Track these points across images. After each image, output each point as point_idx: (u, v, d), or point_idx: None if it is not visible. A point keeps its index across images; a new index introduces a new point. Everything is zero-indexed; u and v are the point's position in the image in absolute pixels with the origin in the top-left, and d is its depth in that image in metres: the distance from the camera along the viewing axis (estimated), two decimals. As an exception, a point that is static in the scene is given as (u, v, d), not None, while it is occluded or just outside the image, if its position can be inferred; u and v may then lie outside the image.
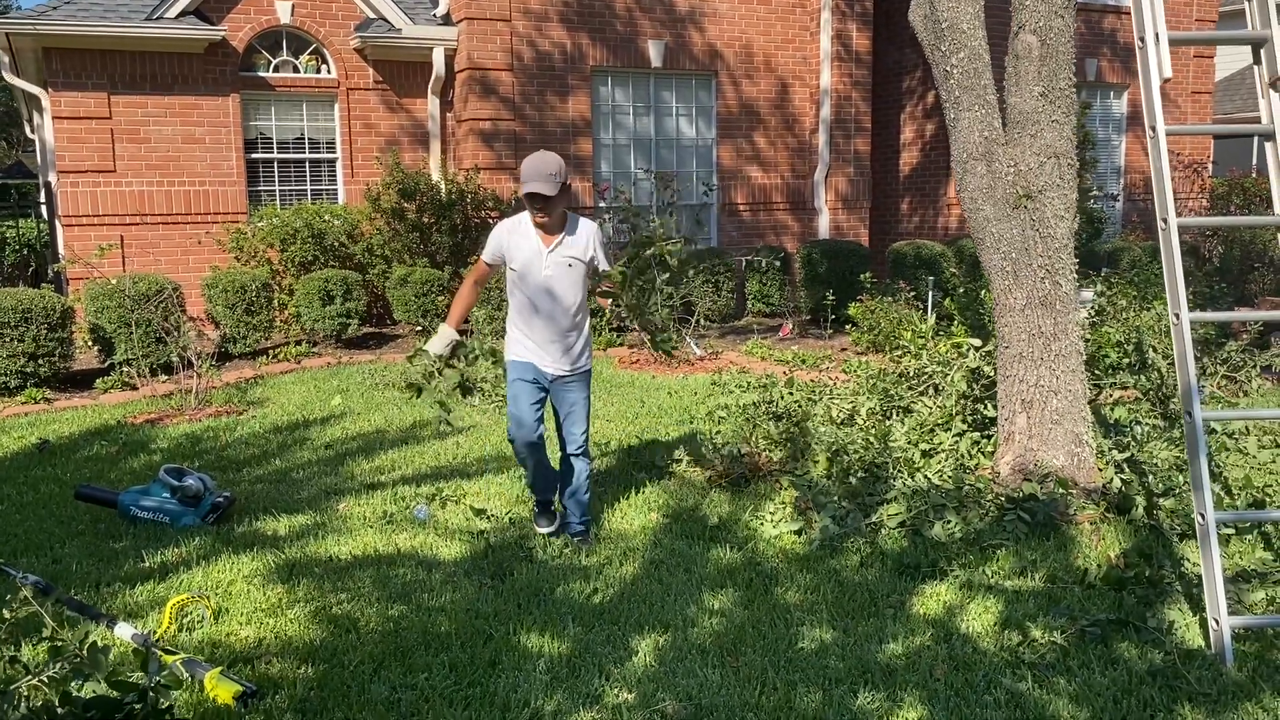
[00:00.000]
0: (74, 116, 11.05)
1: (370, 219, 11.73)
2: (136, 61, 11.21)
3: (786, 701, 3.48)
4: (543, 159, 4.53)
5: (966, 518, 4.99)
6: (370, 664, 3.75)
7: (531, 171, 4.51)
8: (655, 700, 3.48)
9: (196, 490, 5.31)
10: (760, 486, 5.74)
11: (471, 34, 11.95)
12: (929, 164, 14.85)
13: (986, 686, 3.58)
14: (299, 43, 12.00)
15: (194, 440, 7.04)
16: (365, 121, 12.29)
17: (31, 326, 8.45)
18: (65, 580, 4.57)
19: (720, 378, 8.69)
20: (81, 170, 11.14)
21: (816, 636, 3.96)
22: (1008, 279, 5.47)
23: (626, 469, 6.19)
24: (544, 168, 4.50)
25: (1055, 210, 5.33)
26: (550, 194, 4.52)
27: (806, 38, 13.75)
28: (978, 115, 5.42)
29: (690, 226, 13.27)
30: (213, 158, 11.64)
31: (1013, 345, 5.51)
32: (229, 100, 11.60)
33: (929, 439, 6.02)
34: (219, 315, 10.15)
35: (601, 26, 12.58)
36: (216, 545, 4.98)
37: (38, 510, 5.60)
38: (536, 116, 12.40)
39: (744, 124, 13.62)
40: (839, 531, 4.94)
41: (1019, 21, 5.32)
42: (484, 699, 3.50)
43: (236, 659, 3.79)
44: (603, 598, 4.33)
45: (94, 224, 11.24)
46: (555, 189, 4.52)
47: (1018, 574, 4.55)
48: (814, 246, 12.64)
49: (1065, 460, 5.38)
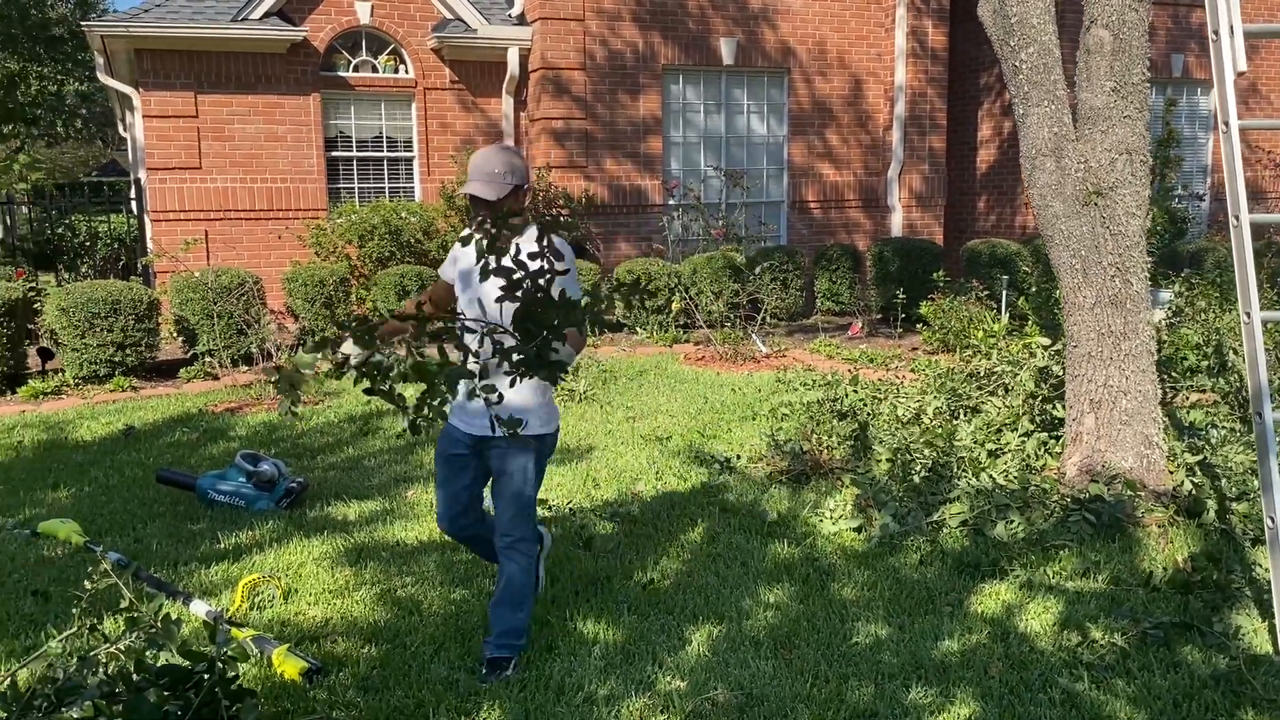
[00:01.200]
0: (163, 115, 11.45)
1: (445, 216, 11.94)
2: (222, 61, 11.57)
3: (838, 694, 3.49)
4: (487, 155, 3.57)
5: (1030, 518, 4.93)
6: (431, 645, 3.86)
7: (474, 169, 3.57)
8: (707, 688, 3.52)
9: (271, 476, 5.49)
10: (821, 484, 5.74)
11: (545, 34, 12.09)
12: (1006, 161, 14.60)
13: (1042, 685, 3.55)
14: (378, 43, 12.27)
15: (271, 428, 7.26)
16: (441, 121, 12.52)
17: (120, 317, 8.79)
18: (145, 558, 4.77)
19: (785, 375, 8.69)
20: (169, 167, 11.54)
21: (871, 632, 3.97)
22: (1077, 277, 5.39)
23: (687, 463, 6.23)
24: (486, 165, 3.54)
25: (1126, 207, 5.24)
26: (491, 198, 3.52)
27: (881, 34, 13.63)
28: (1047, 111, 5.35)
29: (755, 225, 13.25)
30: (294, 155, 11.96)
31: (1081, 344, 5.43)
32: (310, 99, 11.91)
33: (995, 439, 5.96)
34: (298, 308, 10.43)
35: (673, 25, 12.63)
36: (288, 529, 5.15)
37: (122, 492, 5.84)
38: (608, 115, 12.49)
39: (816, 121, 13.55)
40: (899, 529, 4.92)
41: (1091, 16, 5.23)
42: (539, 682, 3.58)
43: (304, 637, 3.93)
44: (658, 588, 4.38)
45: (180, 219, 11.63)
46: (500, 192, 3.52)
47: (1080, 575, 4.49)
48: (885, 244, 12.53)
49: (1134, 462, 5.29)
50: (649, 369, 9.34)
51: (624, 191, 12.66)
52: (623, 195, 12.65)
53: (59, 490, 5.93)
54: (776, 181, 13.61)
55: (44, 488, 5.97)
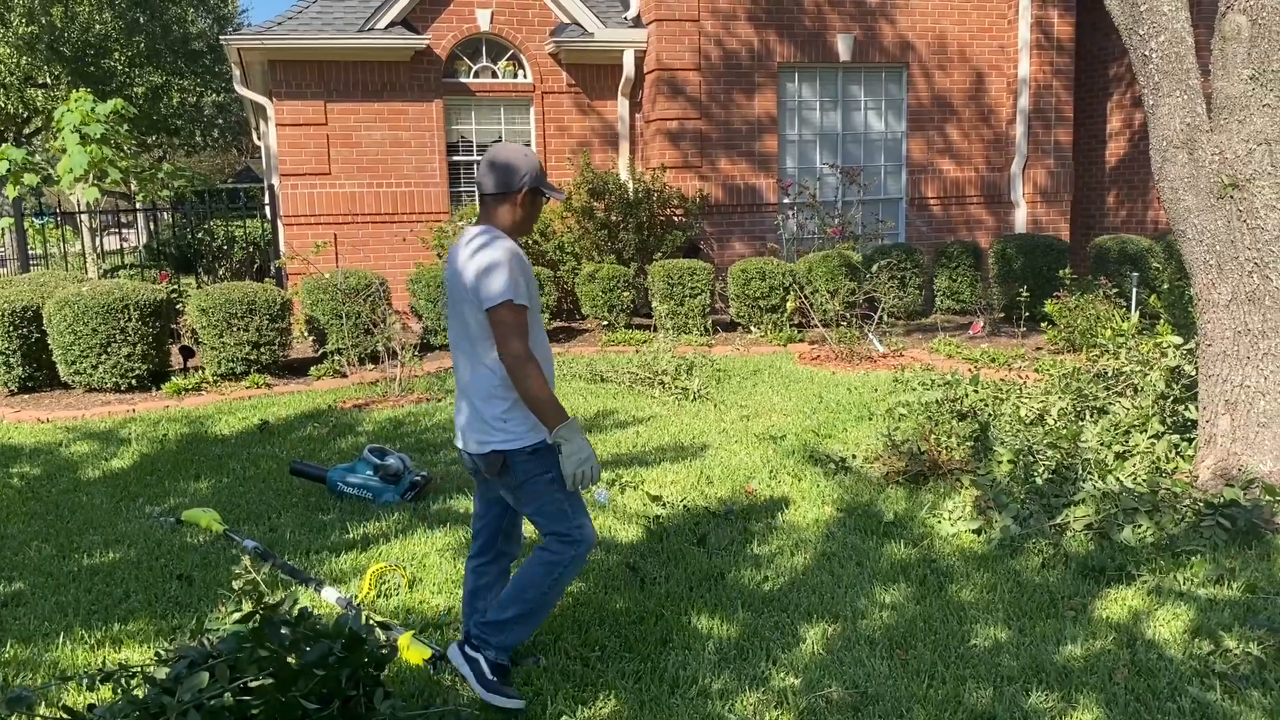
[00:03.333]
0: (294, 123, 11.94)
1: (562, 218, 12.14)
2: (349, 71, 12.00)
3: (955, 696, 3.45)
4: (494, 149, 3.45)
5: (1160, 522, 4.77)
6: (549, 635, 3.95)
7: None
8: (821, 686, 3.52)
9: (397, 469, 5.69)
10: (939, 484, 5.66)
11: (661, 35, 12.17)
12: (1137, 155, 14.07)
13: (1170, 694, 3.44)
14: (497, 49, 12.55)
15: (396, 424, 7.51)
16: (558, 124, 12.73)
17: (255, 317, 9.20)
18: (280, 546, 5.01)
19: (903, 374, 8.56)
20: (300, 173, 12.02)
21: (990, 634, 3.90)
22: (1211, 273, 5.18)
23: (801, 463, 6.21)
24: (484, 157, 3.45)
25: (1265, 200, 5.01)
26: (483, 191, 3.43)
27: (1004, 25, 13.30)
28: (1179, 101, 5.16)
29: (872, 222, 13.08)
30: (417, 160, 12.33)
31: (1216, 343, 5.22)
32: (433, 105, 12.25)
33: (1123, 441, 5.77)
34: (421, 309, 10.74)
35: (789, 23, 12.57)
36: (413, 520, 5.33)
37: (258, 483, 6.13)
38: (722, 115, 12.51)
39: (936, 116, 13.30)
40: (1020, 532, 4.82)
41: (1227, 1, 5.03)
42: (654, 674, 3.63)
43: (428, 625, 4.07)
44: (773, 585, 4.39)
45: (310, 223, 12.11)
46: (492, 187, 3.39)
47: (1213, 582, 4.32)
48: (1008, 241, 12.22)
49: (1273, 465, 5.06)
50: (763, 368, 9.32)
51: (738, 191, 12.65)
52: (737, 194, 12.65)
53: (200, 481, 6.26)
54: (894, 178, 13.41)
55: (186, 478, 6.31)
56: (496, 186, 3.37)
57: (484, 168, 3.40)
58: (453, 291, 3.40)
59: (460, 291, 3.34)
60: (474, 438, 3.40)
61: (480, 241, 3.31)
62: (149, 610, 4.31)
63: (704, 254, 12.47)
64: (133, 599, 4.44)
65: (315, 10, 12.14)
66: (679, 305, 11.09)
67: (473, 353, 3.37)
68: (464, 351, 3.41)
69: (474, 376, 3.38)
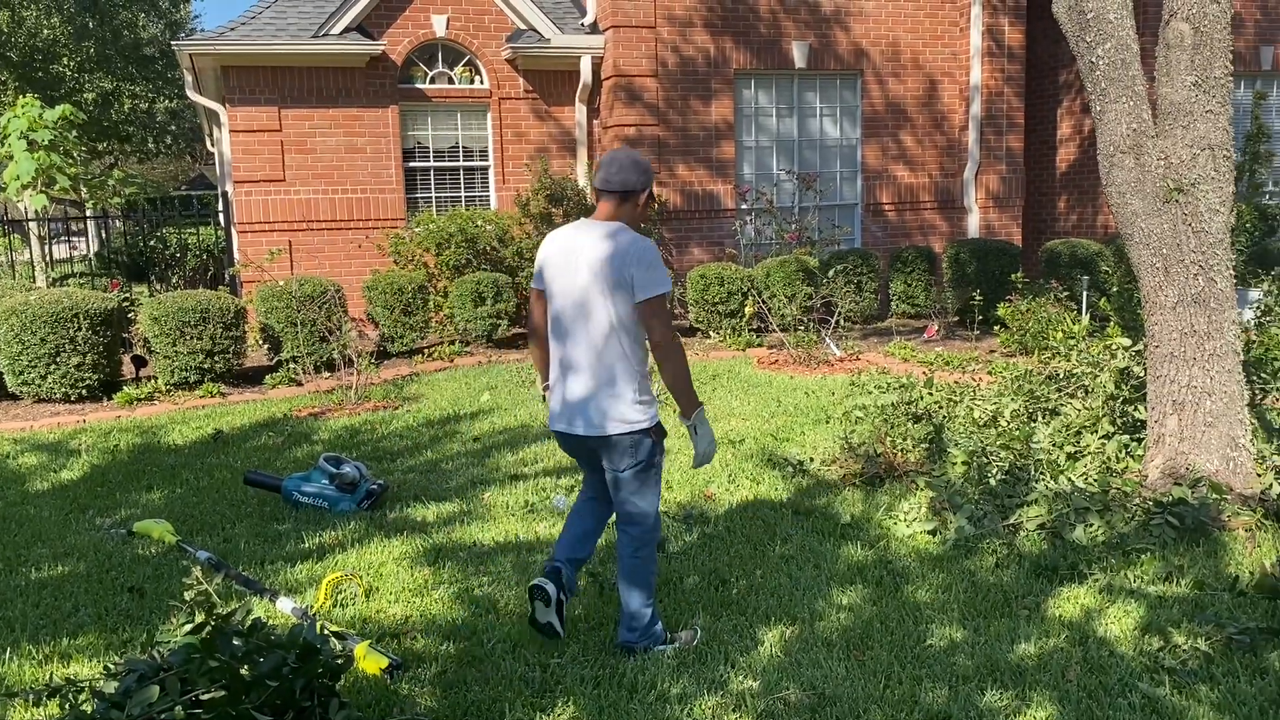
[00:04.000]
0: (248, 130, 11.81)
1: (520, 224, 12.10)
2: (304, 76, 11.90)
3: (911, 696, 3.48)
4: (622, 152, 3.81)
5: (1110, 521, 4.85)
6: (508, 643, 3.94)
7: None
8: (779, 688, 3.54)
9: (353, 478, 5.64)
10: (895, 486, 5.71)
11: (618, 42, 12.20)
12: (1087, 160, 14.30)
13: (1121, 690, 3.50)
14: (454, 55, 12.50)
15: (352, 432, 7.45)
16: (516, 130, 12.70)
17: (209, 326, 9.09)
18: (234, 557, 4.94)
19: (859, 378, 8.63)
20: (254, 180, 11.89)
21: (946, 634, 3.94)
22: (1158, 276, 5.28)
23: (760, 466, 6.24)
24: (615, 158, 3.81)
25: (1209, 204, 5.12)
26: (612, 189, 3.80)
27: (956, 33, 13.47)
28: (1125, 107, 5.25)
29: (828, 228, 13.19)
30: (373, 166, 12.25)
31: (1163, 344, 5.32)
32: (388, 111, 12.18)
33: (1075, 441, 5.86)
34: (378, 316, 10.66)
35: (745, 30, 12.64)
36: (370, 529, 5.29)
37: (212, 494, 6.06)
38: (680, 121, 12.55)
39: (890, 123, 13.44)
40: (975, 532, 4.88)
41: (1170, 9, 5.13)
42: (613, 680, 3.63)
43: (385, 634, 4.04)
44: (731, 589, 4.41)
45: (265, 230, 11.98)
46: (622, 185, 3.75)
47: (1162, 579, 4.40)
48: (962, 246, 12.37)
49: (1219, 464, 5.16)
50: (722, 373, 9.36)
51: (696, 196, 12.70)
52: (695, 200, 12.69)
53: (152, 492, 6.17)
54: (850, 184, 13.53)
55: (138, 489, 6.22)
56: (629, 185, 3.67)
57: (615, 168, 3.67)
58: (575, 276, 3.64)
59: (590, 279, 3.60)
60: (595, 419, 3.65)
61: (628, 237, 3.62)
62: (99, 624, 4.24)
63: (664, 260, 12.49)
64: (82, 613, 4.37)
65: (269, 16, 12.02)
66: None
67: (605, 337, 3.62)
68: (585, 336, 3.65)
69: (602, 360, 3.64)
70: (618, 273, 3.57)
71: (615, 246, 3.59)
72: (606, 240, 3.61)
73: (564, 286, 3.68)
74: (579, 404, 3.69)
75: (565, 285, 3.67)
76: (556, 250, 3.73)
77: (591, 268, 3.60)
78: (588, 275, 3.61)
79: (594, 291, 3.60)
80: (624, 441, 3.66)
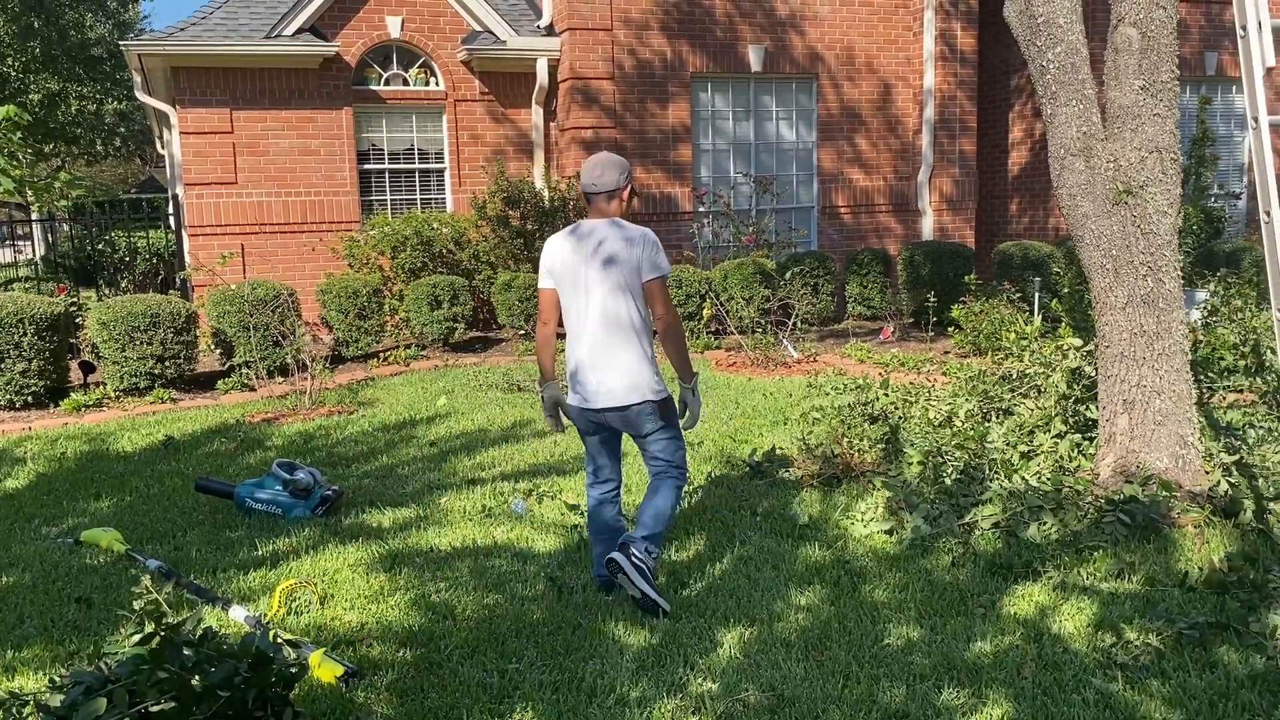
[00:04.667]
0: (199, 132, 11.65)
1: (476, 226, 12.04)
2: (256, 78, 11.75)
3: (869, 695, 3.50)
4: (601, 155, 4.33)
5: (1064, 519, 4.91)
6: (465, 649, 3.90)
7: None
8: (738, 690, 3.54)
9: (307, 484, 5.57)
10: (852, 487, 5.74)
11: (574, 44, 12.18)
12: (1039, 164, 14.51)
13: (1076, 686, 3.54)
14: (408, 56, 12.41)
15: (307, 438, 7.36)
16: (472, 132, 12.63)
17: (159, 330, 8.94)
18: (186, 565, 4.86)
19: (816, 379, 8.68)
20: (206, 182, 11.73)
21: (903, 634, 3.96)
22: (1108, 277, 5.36)
23: (718, 468, 6.25)
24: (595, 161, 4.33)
25: (1158, 206, 5.20)
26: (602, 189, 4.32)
27: (909, 38, 13.60)
28: (1075, 110, 5.33)
29: (785, 230, 13.26)
30: (327, 169, 12.12)
31: (1114, 344, 5.39)
32: (343, 113, 12.06)
33: (1028, 441, 5.93)
34: (332, 320, 10.55)
35: (701, 33, 12.68)
36: (324, 536, 5.22)
37: (162, 501, 5.95)
38: (637, 124, 12.56)
39: (845, 126, 13.54)
40: (931, 532, 4.92)
41: (1118, 14, 5.22)
42: (572, 684, 3.61)
43: (340, 641, 3.99)
44: (690, 591, 4.40)
45: (217, 233, 11.82)
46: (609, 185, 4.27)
47: (1115, 576, 4.46)
48: (916, 248, 12.49)
49: (1169, 462, 5.24)
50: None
51: (654, 199, 12.71)
52: (653, 203, 12.70)
53: (101, 500, 6.05)
54: (806, 187, 13.61)
55: (86, 498, 6.09)
56: (613, 184, 4.16)
57: (598, 170, 4.15)
58: (589, 269, 4.13)
59: (601, 270, 4.10)
60: (623, 394, 4.16)
61: (629, 228, 4.15)
62: (45, 635, 4.14)
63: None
64: (27, 624, 4.27)
65: (220, 16, 11.87)
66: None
67: (622, 321, 4.15)
68: (604, 323, 4.15)
69: (629, 343, 4.17)
70: (626, 259, 4.09)
71: (619, 236, 4.11)
72: (610, 234, 4.12)
73: (578, 281, 4.16)
74: (603, 382, 4.16)
75: (580, 280, 4.15)
76: (565, 250, 4.19)
77: (602, 260, 4.10)
78: (599, 267, 4.11)
79: (609, 281, 4.11)
80: (645, 409, 4.18)
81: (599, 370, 4.17)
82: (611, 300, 4.12)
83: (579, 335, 4.22)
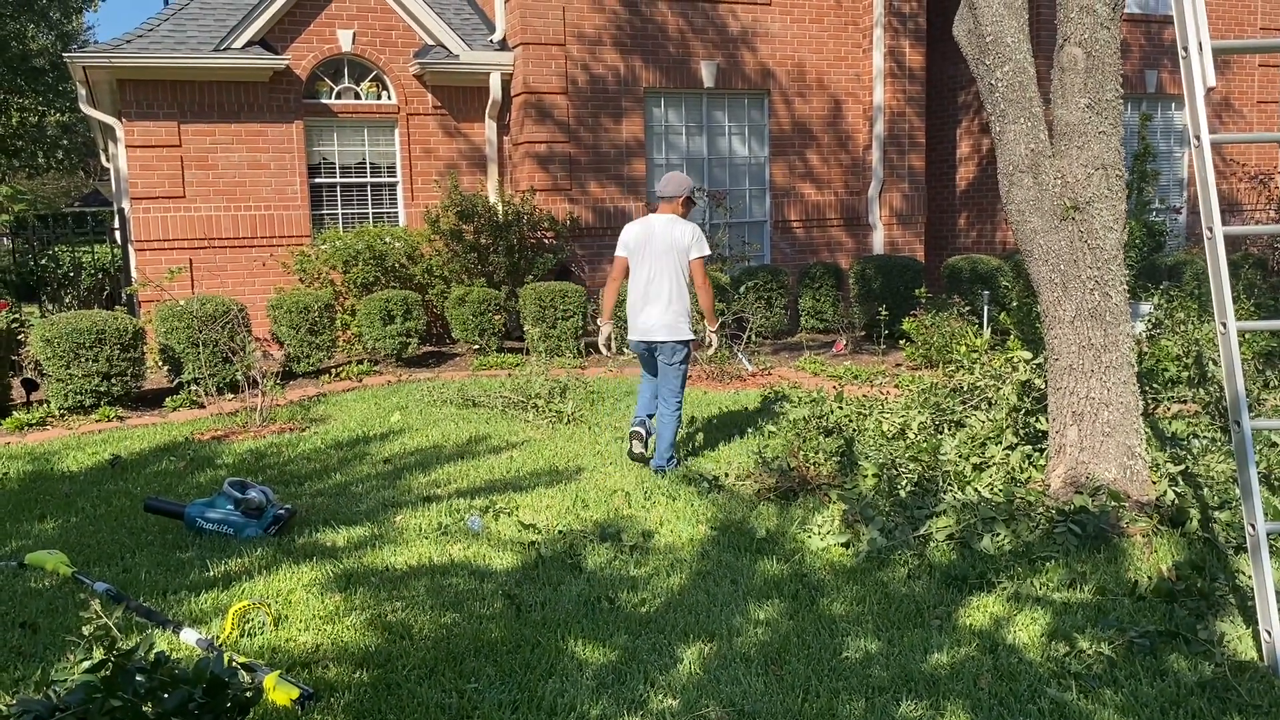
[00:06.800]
0: (146, 145, 11.47)
1: (430, 241, 11.97)
2: (205, 91, 11.61)
3: (829, 709, 3.51)
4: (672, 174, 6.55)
5: (1016, 530, 4.97)
6: (423, 669, 3.86)
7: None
8: (699, 706, 3.54)
9: (259, 503, 5.49)
10: (809, 500, 5.77)
11: (527, 59, 12.18)
12: (986, 179, 14.75)
13: (1031, 696, 3.58)
14: (360, 70, 12.33)
15: (258, 456, 7.25)
16: (425, 146, 12.57)
17: (105, 347, 8.77)
18: (135, 588, 4.76)
19: (771, 393, 8.73)
20: (153, 196, 11.55)
21: (861, 647, 3.99)
22: (1056, 291, 5.46)
23: (675, 483, 6.26)
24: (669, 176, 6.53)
25: (1104, 221, 5.31)
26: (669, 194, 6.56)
27: (859, 55, 13.78)
28: (1024, 128, 5.43)
29: (738, 244, 13.34)
30: (277, 183, 11.99)
31: (1063, 357, 5.49)
32: (293, 127, 11.95)
33: (980, 452, 6.01)
34: (283, 335, 10.43)
35: (654, 49, 12.75)
36: (278, 555, 5.14)
37: (110, 522, 5.83)
38: (591, 139, 12.58)
39: (797, 141, 13.67)
40: (887, 544, 4.96)
41: (1064, 34, 5.32)
42: (531, 703, 3.58)
43: (295, 663, 3.93)
44: (650, 607, 4.40)
45: (164, 248, 11.63)
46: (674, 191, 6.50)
47: (1067, 586, 4.53)
48: (867, 262, 12.63)
49: (1117, 473, 5.34)
50: (636, 390, 9.36)
51: (609, 214, 12.73)
52: (607, 217, 12.72)
53: (46, 522, 5.91)
54: (759, 202, 13.71)
55: (30, 519, 5.95)
56: (678, 192, 6.40)
57: (672, 185, 6.38)
58: (652, 247, 6.34)
59: (666, 247, 6.30)
60: (666, 333, 6.33)
61: (684, 223, 6.38)
62: (-11, 662, 4.03)
63: (575, 276, 12.49)
64: (-30, 651, 4.15)
65: (167, 29, 11.71)
66: (551, 328, 11.07)
67: (673, 283, 6.30)
68: (661, 282, 6.32)
69: (677, 298, 6.32)
70: (680, 242, 6.30)
71: (678, 227, 6.34)
72: (672, 225, 6.35)
73: (648, 252, 6.34)
74: (657, 322, 6.32)
75: (649, 251, 6.33)
76: (639, 230, 6.42)
77: (664, 240, 6.31)
78: (663, 244, 6.31)
79: (669, 255, 6.30)
80: (680, 346, 6.37)
81: (650, 317, 6.32)
82: (664, 270, 6.27)
83: (641, 290, 6.33)
